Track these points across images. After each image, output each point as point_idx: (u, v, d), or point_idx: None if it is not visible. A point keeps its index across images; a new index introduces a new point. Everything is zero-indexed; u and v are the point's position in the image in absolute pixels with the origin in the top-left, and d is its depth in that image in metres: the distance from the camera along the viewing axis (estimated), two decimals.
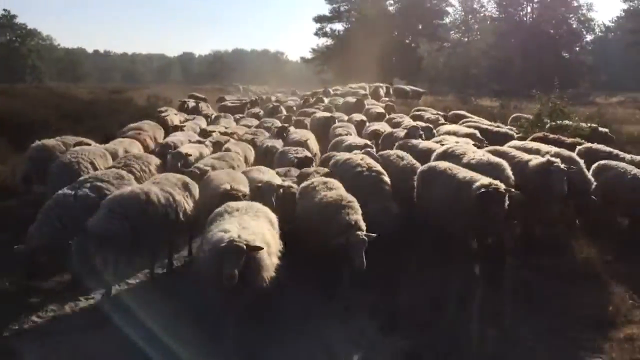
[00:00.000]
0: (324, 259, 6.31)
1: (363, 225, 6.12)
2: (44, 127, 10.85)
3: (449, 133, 11.45)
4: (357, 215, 6.26)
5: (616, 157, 8.99)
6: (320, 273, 6.50)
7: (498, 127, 13.00)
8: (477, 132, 11.41)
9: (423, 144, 9.96)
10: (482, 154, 8.15)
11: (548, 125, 12.23)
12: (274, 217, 6.24)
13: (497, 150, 8.77)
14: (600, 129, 12.09)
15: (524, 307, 6.03)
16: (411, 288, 6.29)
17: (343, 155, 8.75)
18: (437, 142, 10.06)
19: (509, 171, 7.51)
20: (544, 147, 9.07)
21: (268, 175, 7.79)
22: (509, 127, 13.32)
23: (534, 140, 10.36)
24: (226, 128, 13.64)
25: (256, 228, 5.58)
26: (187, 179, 7.27)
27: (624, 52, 53.33)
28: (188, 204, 6.90)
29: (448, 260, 6.79)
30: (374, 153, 9.07)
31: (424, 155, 8.88)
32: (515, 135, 11.75)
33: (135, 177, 7.69)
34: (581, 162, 8.11)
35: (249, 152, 10.42)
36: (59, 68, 69.25)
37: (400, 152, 8.87)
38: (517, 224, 7.88)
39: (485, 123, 13.58)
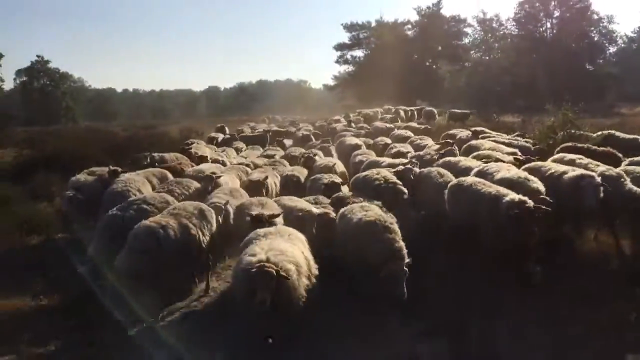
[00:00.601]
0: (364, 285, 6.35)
1: (405, 253, 6.14)
2: (90, 162, 11.79)
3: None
4: (400, 242, 6.26)
5: None
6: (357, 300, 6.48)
7: (516, 139, 13.59)
8: (517, 150, 11.52)
9: (463, 162, 10.10)
10: (513, 170, 8.39)
11: (560, 135, 12.83)
12: (304, 239, 6.37)
13: (534, 166, 8.91)
14: (617, 133, 12.55)
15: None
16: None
17: (361, 173, 9.41)
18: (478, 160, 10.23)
19: (538, 184, 7.66)
20: (592, 164, 8.93)
21: (302, 203, 7.83)
22: (525, 139, 13.84)
23: (562, 150, 10.71)
24: (245, 158, 13.76)
25: (286, 249, 5.70)
26: (204, 207, 7.34)
27: None
28: (204, 233, 6.99)
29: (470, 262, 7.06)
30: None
31: (463, 173, 9.00)
32: (532, 147, 12.30)
33: (177, 200, 8.25)
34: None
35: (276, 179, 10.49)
36: (91, 108, 72.07)
37: (441, 170, 9.16)
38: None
39: (503, 137, 14.17)
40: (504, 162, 9.70)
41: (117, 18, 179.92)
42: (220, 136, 19.31)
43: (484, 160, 10.02)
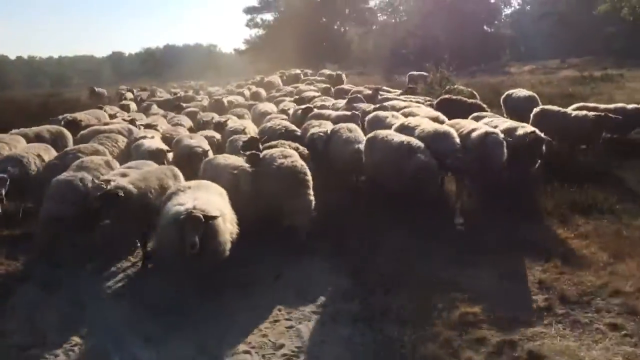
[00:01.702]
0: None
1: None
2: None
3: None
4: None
5: None
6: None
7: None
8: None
9: (390, 118, 10.59)
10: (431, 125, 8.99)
11: (438, 90, 15.16)
12: (223, 191, 6.91)
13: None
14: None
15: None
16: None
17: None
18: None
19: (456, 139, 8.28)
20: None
21: (236, 161, 8.20)
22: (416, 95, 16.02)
23: (440, 102, 12.69)
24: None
25: (210, 199, 6.21)
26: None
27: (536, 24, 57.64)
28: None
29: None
30: None
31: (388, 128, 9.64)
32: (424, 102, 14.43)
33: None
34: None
35: None
36: None
37: (351, 125, 9.93)
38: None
39: (396, 93, 16.39)
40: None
41: None
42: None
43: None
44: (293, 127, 11.10)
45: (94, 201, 6.66)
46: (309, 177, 7.52)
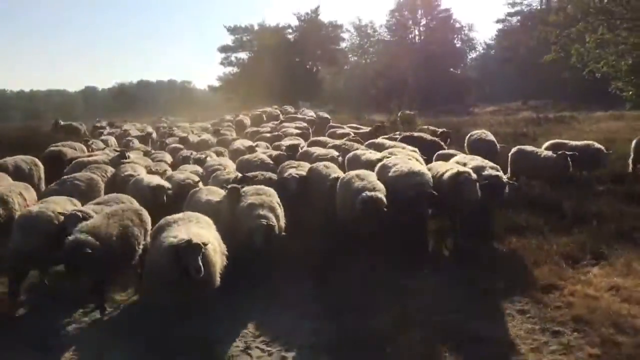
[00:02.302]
0: None
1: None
2: None
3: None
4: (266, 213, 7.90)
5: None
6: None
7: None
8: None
9: (367, 155, 11.12)
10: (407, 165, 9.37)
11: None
12: (211, 222, 7.25)
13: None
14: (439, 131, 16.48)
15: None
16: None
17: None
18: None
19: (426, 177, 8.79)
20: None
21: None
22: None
23: (403, 139, 13.94)
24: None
25: (200, 232, 6.48)
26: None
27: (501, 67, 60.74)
28: None
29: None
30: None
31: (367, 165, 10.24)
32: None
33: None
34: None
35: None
36: None
37: (328, 164, 10.47)
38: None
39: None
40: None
41: None
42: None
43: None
44: (268, 160, 12.11)
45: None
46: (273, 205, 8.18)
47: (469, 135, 14.88)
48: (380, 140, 13.93)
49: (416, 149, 12.04)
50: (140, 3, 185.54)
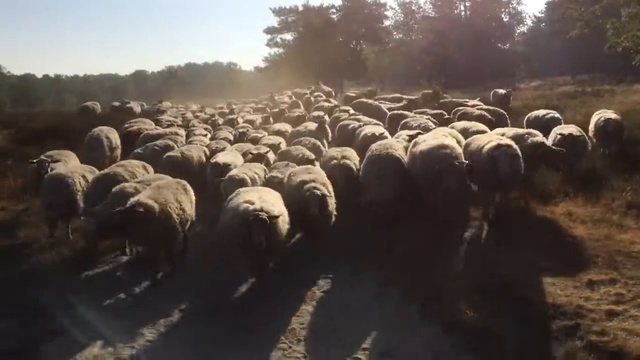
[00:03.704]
0: None
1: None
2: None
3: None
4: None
5: None
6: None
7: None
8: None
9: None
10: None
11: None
12: (279, 195, 7.76)
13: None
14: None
15: None
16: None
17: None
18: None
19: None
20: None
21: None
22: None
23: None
24: None
25: (273, 201, 7.07)
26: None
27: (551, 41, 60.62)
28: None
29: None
30: None
31: None
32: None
33: None
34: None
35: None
36: (13, 95, 72.44)
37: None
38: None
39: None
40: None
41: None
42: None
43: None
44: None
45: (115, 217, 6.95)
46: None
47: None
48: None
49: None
50: None
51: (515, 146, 8.67)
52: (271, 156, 11.38)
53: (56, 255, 8.73)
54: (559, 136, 11.05)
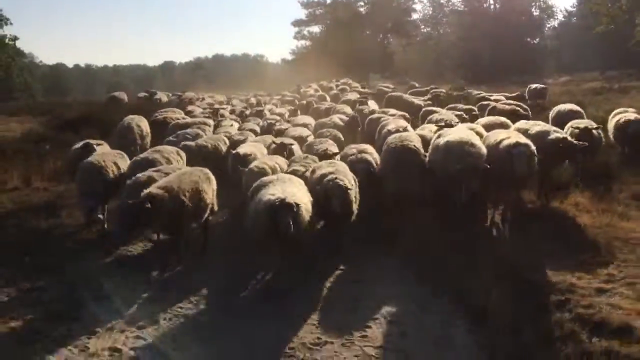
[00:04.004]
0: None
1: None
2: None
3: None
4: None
5: None
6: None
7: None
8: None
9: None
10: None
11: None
12: (302, 183, 8.11)
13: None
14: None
15: None
16: None
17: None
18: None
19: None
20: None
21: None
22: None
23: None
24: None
25: (295, 191, 7.32)
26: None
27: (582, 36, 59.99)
28: None
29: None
30: None
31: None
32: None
33: None
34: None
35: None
36: (45, 84, 74.65)
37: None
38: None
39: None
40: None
41: None
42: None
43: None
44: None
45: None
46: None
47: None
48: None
49: None
50: None
51: (531, 145, 8.66)
52: (297, 148, 11.57)
53: (94, 234, 9.42)
54: (575, 130, 11.27)
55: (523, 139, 8.78)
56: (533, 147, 8.59)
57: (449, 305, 6.50)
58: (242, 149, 10.59)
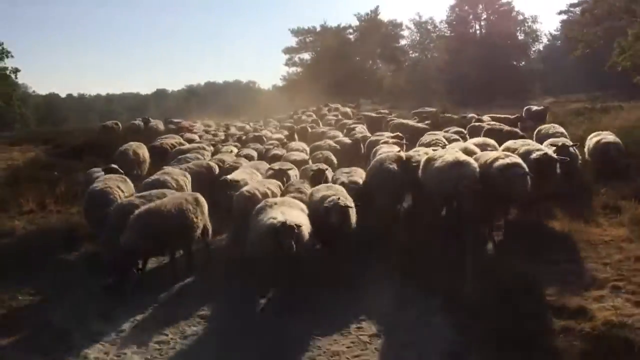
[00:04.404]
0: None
1: None
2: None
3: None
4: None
5: None
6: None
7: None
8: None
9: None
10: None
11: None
12: (304, 206, 8.62)
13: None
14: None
15: None
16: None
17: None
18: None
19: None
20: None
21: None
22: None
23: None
24: None
25: (296, 215, 7.84)
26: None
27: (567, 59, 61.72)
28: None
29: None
30: None
31: None
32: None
33: None
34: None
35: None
36: (39, 114, 75.35)
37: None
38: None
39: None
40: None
41: (55, 21, 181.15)
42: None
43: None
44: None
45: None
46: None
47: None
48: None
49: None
50: (206, 6, 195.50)
51: (523, 164, 9.08)
52: (294, 173, 12.04)
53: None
54: (552, 147, 11.88)
55: (515, 159, 9.23)
56: (525, 167, 9.00)
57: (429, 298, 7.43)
58: (230, 176, 11.08)
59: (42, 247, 10.28)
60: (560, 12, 60.80)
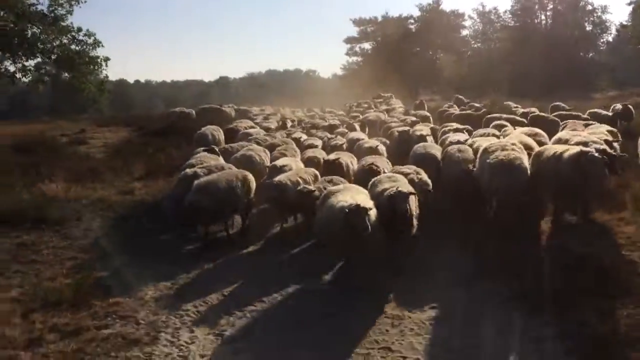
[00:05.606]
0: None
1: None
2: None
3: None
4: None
5: None
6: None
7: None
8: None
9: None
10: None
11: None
12: (367, 192, 8.86)
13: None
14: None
15: None
16: None
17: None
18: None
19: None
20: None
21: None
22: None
23: (487, 119, 19.34)
24: None
25: (363, 198, 8.05)
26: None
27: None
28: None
29: None
30: None
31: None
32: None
33: None
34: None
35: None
36: (110, 99, 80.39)
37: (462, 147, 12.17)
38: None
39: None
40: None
41: (126, 10, 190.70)
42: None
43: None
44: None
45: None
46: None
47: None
48: None
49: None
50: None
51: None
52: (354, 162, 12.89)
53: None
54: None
55: (585, 147, 9.33)
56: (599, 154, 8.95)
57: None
58: (279, 162, 12.02)
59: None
60: (630, 3, 59.57)
